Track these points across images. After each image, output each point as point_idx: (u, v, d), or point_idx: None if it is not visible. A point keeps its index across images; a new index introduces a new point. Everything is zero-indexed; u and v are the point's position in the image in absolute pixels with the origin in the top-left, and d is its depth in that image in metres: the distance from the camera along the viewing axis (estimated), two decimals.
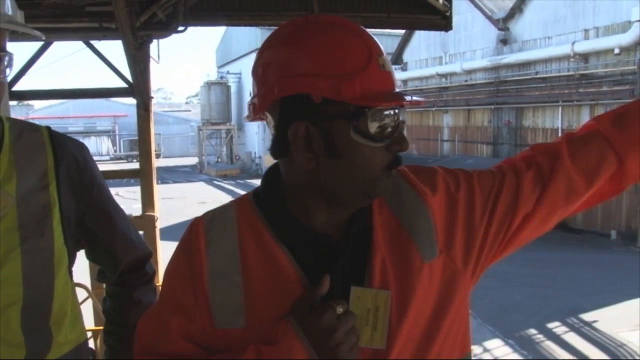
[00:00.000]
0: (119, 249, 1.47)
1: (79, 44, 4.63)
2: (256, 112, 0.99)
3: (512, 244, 1.09)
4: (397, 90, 0.96)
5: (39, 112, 41.85)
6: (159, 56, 5.05)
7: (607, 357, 7.68)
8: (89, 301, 3.42)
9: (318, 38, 0.94)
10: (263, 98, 0.96)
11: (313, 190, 0.97)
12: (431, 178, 1.06)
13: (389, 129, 0.93)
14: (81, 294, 3.49)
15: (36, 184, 1.28)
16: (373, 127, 0.92)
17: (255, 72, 1.00)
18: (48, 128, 1.37)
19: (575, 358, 7.64)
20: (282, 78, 0.93)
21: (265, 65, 0.98)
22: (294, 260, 0.96)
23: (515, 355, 7.95)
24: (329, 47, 0.93)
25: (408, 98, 0.94)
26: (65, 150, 1.35)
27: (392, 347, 0.95)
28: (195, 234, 1.02)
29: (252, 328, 0.94)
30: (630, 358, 7.67)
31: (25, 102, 37.42)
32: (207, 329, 0.97)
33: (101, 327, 2.01)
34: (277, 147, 0.98)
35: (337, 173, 0.94)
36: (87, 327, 2.76)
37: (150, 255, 1.56)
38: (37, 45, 4.42)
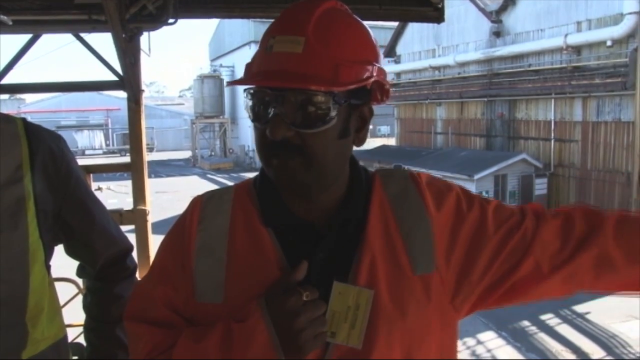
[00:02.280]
0: (98, 242, 1.44)
1: (70, 37, 4.57)
2: None
3: (519, 294, 1.00)
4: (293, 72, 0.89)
5: (31, 106, 41.65)
6: (149, 49, 5.01)
7: (598, 347, 7.72)
8: (80, 297, 3.40)
9: None
10: None
11: None
12: (443, 193, 1.02)
13: (258, 110, 0.93)
14: (71, 289, 3.46)
15: (10, 176, 1.25)
16: (250, 107, 0.94)
17: None
18: (23, 119, 1.34)
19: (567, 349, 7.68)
20: None
21: None
22: (277, 243, 0.97)
23: (509, 347, 7.99)
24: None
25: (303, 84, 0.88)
26: (41, 142, 1.32)
27: (373, 349, 0.93)
28: (191, 210, 1.05)
29: (228, 305, 0.96)
30: (622, 349, 7.71)
31: (17, 96, 37.18)
32: (190, 300, 1.00)
33: None
34: None
35: None
36: (77, 323, 2.75)
37: (131, 249, 1.53)
38: (26, 37, 4.37)
